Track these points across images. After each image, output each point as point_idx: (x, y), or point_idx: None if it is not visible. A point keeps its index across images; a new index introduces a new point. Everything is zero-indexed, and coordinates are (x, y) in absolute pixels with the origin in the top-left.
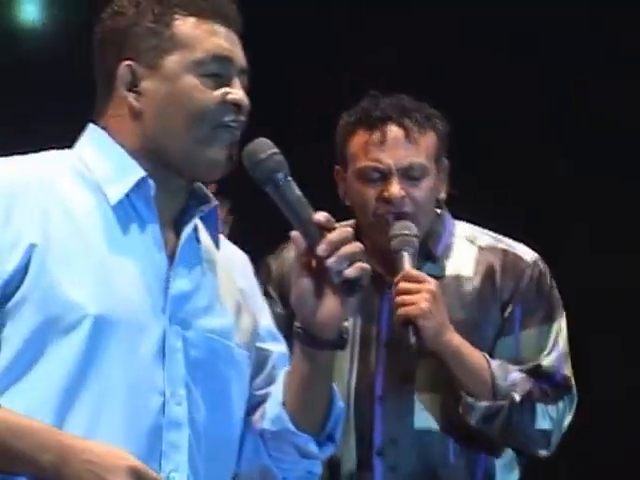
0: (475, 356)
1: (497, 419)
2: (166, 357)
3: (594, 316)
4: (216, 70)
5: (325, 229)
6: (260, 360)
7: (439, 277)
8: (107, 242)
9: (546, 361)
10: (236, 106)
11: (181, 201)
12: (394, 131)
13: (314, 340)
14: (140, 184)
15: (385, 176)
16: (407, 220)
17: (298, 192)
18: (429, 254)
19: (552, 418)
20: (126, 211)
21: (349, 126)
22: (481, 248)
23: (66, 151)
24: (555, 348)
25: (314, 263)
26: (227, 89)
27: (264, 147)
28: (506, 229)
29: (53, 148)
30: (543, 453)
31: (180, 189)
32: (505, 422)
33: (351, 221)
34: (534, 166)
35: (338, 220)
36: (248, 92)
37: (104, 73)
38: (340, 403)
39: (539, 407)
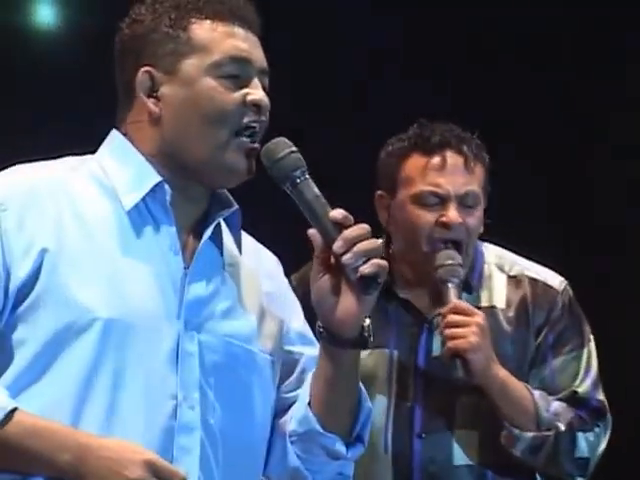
0: (519, 388)
1: (543, 449)
2: (179, 361)
3: None
4: (234, 71)
5: (342, 226)
6: (289, 363)
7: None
8: (120, 246)
9: (581, 388)
10: (256, 107)
11: (202, 207)
12: (453, 157)
13: (335, 339)
14: (156, 189)
15: (443, 201)
16: (459, 248)
17: (316, 190)
18: (466, 284)
19: (590, 445)
20: (142, 216)
21: (403, 150)
22: (510, 277)
23: (88, 157)
24: (588, 374)
25: (333, 261)
26: (247, 90)
27: (282, 146)
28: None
29: (65, 149)
30: None
31: (200, 195)
32: (551, 452)
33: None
34: None
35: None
36: (268, 93)
37: (124, 80)
38: (369, 404)
39: (579, 435)
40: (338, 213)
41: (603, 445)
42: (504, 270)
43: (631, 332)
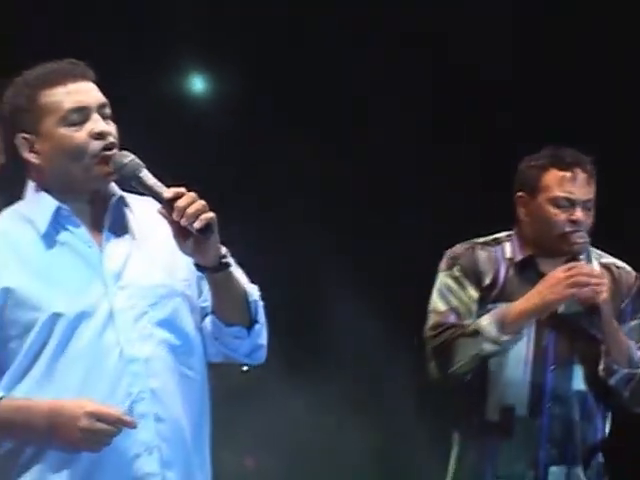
0: (622, 335)
1: (631, 383)
2: (116, 317)
3: None
4: (77, 118)
5: (175, 199)
6: (201, 280)
7: None
8: (47, 256)
9: None
10: (99, 134)
11: (98, 206)
12: (581, 174)
13: (203, 269)
14: (58, 210)
15: (572, 205)
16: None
17: (154, 180)
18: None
19: None
20: (56, 230)
21: (543, 165)
22: (600, 263)
23: (20, 202)
24: None
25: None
26: (89, 125)
27: (124, 155)
28: None
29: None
30: None
31: (91, 200)
32: (635, 386)
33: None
34: None
35: None
36: (114, 119)
37: (9, 145)
38: (254, 298)
39: None
40: (168, 192)
41: None
42: (597, 259)
43: None
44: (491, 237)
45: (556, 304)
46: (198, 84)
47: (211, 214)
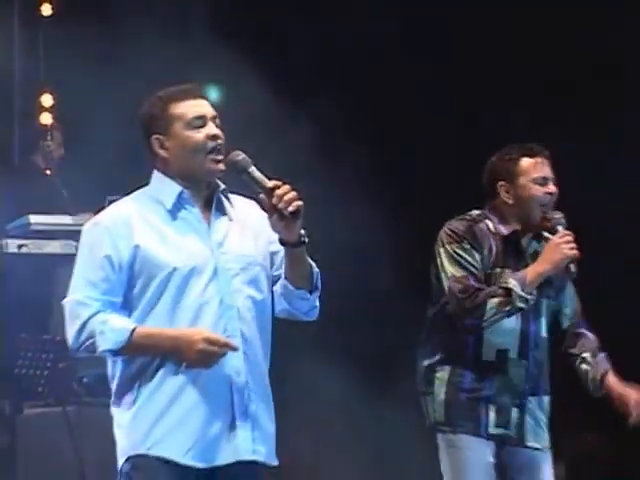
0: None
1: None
2: (219, 274)
3: None
4: (198, 124)
5: (276, 189)
6: (274, 256)
7: None
8: (170, 228)
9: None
10: (213, 136)
11: (206, 194)
12: (545, 159)
13: (285, 244)
14: (180, 194)
15: (546, 181)
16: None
17: (259, 173)
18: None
19: None
20: (177, 209)
21: (516, 156)
22: None
23: (143, 188)
24: None
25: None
26: (206, 130)
27: (237, 154)
28: None
29: None
30: None
31: (205, 187)
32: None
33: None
34: None
35: None
36: (221, 127)
37: (147, 143)
38: (316, 270)
39: None
40: (270, 183)
41: None
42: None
43: None
44: (473, 213)
45: (563, 263)
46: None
47: (301, 202)
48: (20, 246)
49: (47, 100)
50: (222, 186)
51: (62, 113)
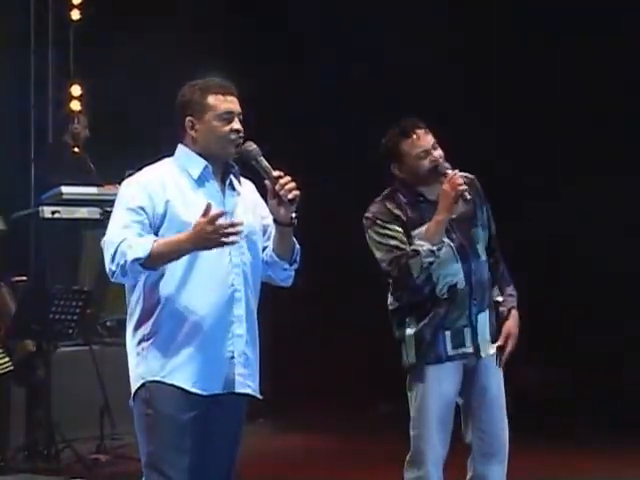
0: None
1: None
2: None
3: None
4: (226, 117)
5: (279, 178)
6: (265, 227)
7: None
8: (195, 193)
9: None
10: (237, 131)
11: (224, 170)
12: (426, 131)
13: (279, 223)
14: (205, 168)
15: (428, 153)
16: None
17: (266, 163)
18: None
19: None
20: (202, 180)
21: (396, 137)
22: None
23: (169, 158)
24: None
25: (277, 193)
26: (232, 124)
27: (250, 145)
28: None
29: None
30: None
31: (222, 165)
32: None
33: (389, 189)
34: None
35: None
36: (245, 120)
37: (181, 122)
38: (297, 247)
39: None
40: (275, 172)
41: None
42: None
43: None
44: (385, 193)
45: (455, 204)
46: None
47: (298, 192)
48: (54, 212)
49: (76, 90)
50: (236, 167)
51: (88, 101)
